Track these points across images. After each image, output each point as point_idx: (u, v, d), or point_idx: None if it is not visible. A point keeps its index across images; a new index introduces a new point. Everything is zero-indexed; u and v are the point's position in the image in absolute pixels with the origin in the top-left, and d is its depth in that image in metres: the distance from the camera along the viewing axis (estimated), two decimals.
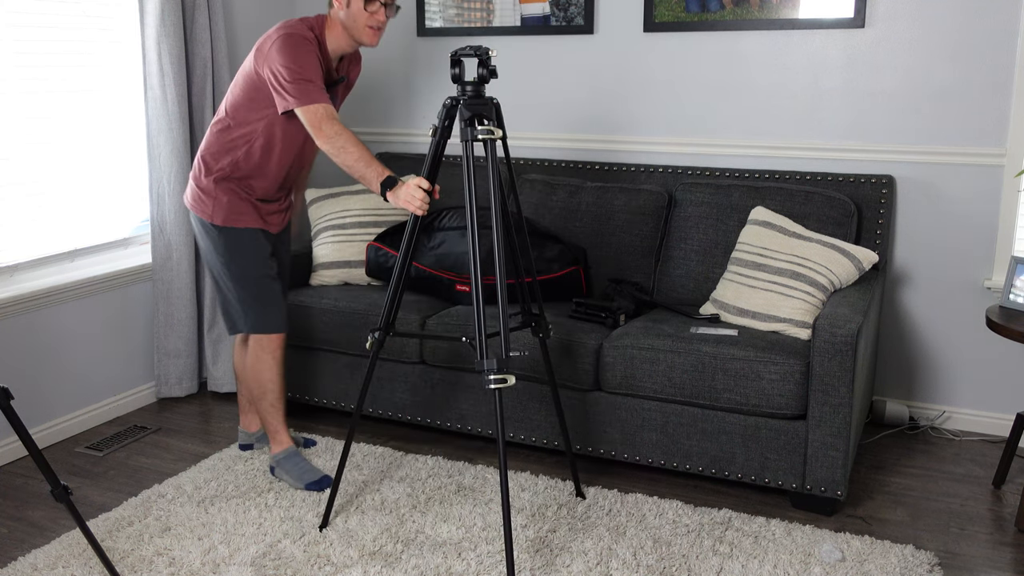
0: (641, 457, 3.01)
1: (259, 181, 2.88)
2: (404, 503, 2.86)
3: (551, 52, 3.85)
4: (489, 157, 2.38)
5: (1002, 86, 3.21)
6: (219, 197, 2.86)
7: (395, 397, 3.34)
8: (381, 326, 2.59)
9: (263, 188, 2.90)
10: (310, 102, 2.64)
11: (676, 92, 3.68)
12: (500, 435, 2.29)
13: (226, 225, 2.87)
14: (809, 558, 2.54)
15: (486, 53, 2.37)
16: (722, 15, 3.53)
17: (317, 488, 2.92)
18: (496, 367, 2.29)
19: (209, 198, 2.87)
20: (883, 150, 3.40)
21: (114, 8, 3.51)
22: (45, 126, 3.31)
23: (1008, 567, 2.55)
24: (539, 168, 3.84)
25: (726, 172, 3.55)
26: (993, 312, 2.83)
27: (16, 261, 3.26)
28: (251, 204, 2.89)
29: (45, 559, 2.54)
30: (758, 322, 3.01)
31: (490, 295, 2.98)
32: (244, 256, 2.89)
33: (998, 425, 3.40)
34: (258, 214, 2.91)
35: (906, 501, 2.92)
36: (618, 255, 3.50)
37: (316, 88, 2.66)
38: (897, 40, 3.32)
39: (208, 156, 2.87)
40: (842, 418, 2.70)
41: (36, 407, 3.30)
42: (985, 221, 3.31)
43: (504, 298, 2.34)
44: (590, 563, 2.51)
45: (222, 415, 3.66)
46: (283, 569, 2.49)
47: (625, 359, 2.94)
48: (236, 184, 2.87)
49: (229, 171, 2.85)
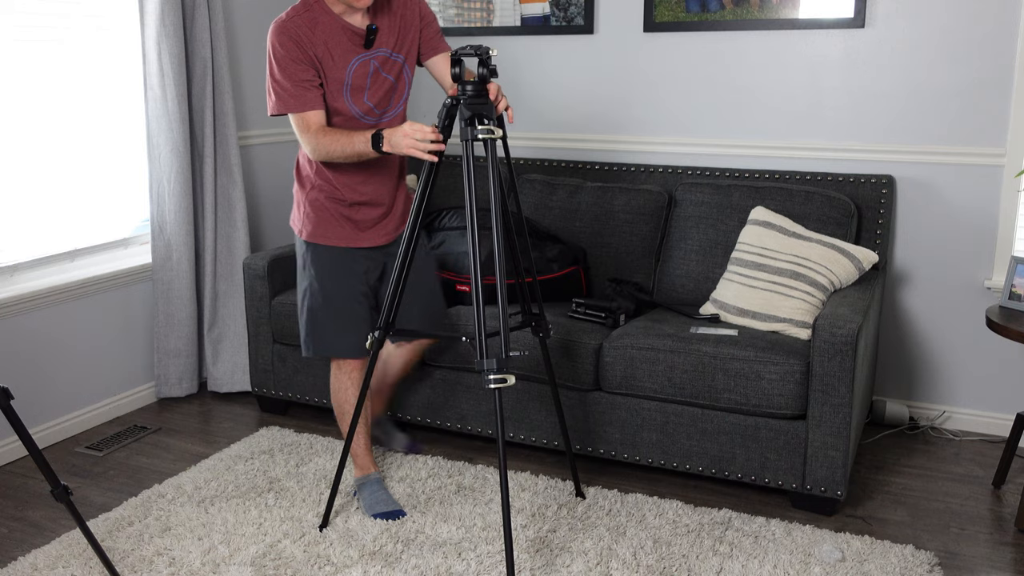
0: (641, 457, 3.01)
1: (341, 179, 2.69)
2: (404, 503, 2.86)
3: (551, 52, 3.85)
4: (489, 157, 2.38)
5: (1002, 86, 3.21)
6: (308, 211, 2.73)
7: (395, 397, 3.34)
8: (381, 325, 2.59)
9: (349, 187, 2.69)
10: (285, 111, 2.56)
11: (676, 92, 3.68)
12: (500, 435, 2.29)
13: (312, 241, 2.75)
14: (809, 558, 2.54)
15: (486, 52, 2.37)
16: (722, 15, 3.53)
17: (385, 519, 2.75)
18: (496, 367, 2.29)
19: (299, 210, 2.76)
20: (883, 150, 3.40)
21: (114, 8, 3.51)
22: (45, 126, 3.31)
23: (1008, 567, 2.55)
24: (539, 168, 3.84)
25: (726, 172, 3.55)
26: (993, 312, 2.83)
27: (16, 261, 3.26)
28: (342, 218, 2.73)
29: (45, 559, 2.54)
30: (758, 322, 3.01)
31: (490, 295, 2.98)
32: (325, 275, 2.75)
33: (998, 425, 3.40)
34: (353, 229, 2.75)
35: (906, 501, 2.92)
36: (618, 255, 3.50)
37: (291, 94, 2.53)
38: (897, 40, 3.32)
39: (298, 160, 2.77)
40: (842, 418, 2.70)
41: (36, 407, 3.30)
42: (985, 221, 3.31)
43: (504, 298, 2.33)
44: (590, 563, 2.51)
45: (222, 415, 3.66)
46: (283, 569, 2.49)
47: (625, 359, 2.94)
48: (325, 194, 2.70)
49: (314, 176, 2.70)
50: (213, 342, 3.83)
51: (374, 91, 2.66)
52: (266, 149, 4.20)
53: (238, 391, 3.84)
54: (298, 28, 2.55)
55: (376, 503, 2.80)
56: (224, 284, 3.81)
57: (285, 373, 3.55)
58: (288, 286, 3.58)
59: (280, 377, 3.57)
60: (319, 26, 2.56)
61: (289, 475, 3.06)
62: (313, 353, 2.85)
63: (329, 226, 2.74)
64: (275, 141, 4.24)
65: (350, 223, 2.75)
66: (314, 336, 2.82)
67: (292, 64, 2.53)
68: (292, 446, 3.28)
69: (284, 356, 3.53)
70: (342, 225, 2.74)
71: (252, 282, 3.53)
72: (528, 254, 2.69)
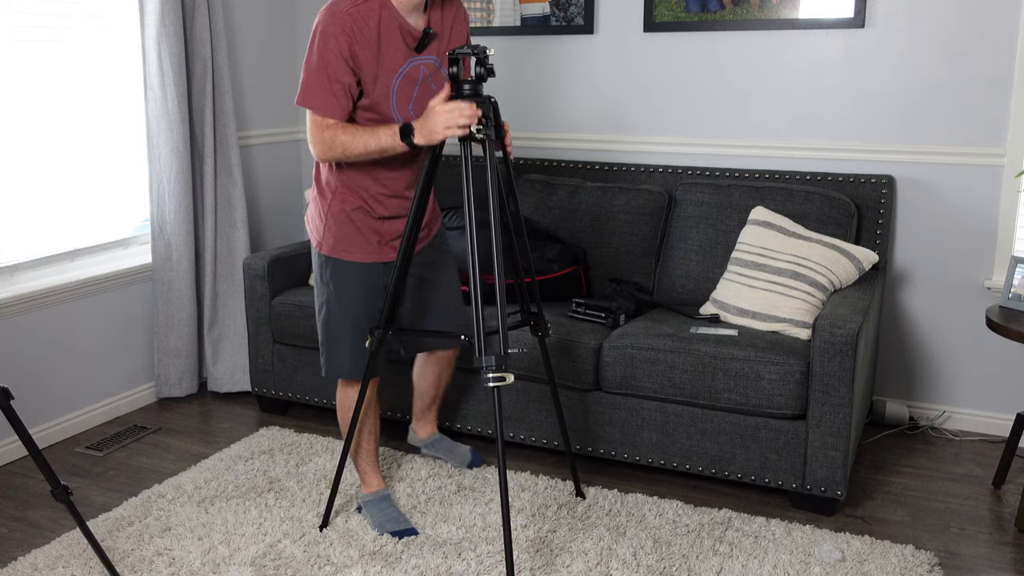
0: (641, 457, 3.01)
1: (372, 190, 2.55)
2: (404, 503, 2.86)
3: (551, 52, 3.85)
4: (488, 157, 2.38)
5: (1002, 86, 3.21)
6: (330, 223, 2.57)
7: (395, 396, 3.34)
8: (381, 325, 2.59)
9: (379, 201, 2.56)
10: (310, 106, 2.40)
11: (676, 92, 3.68)
12: (499, 435, 2.29)
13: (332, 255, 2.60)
14: (809, 558, 2.54)
15: (484, 52, 2.36)
16: (722, 15, 3.53)
17: (396, 536, 2.66)
18: (495, 365, 2.29)
19: (321, 221, 2.60)
20: (883, 150, 3.40)
21: (114, 8, 3.51)
22: (45, 126, 3.31)
23: (1008, 567, 2.55)
24: (539, 168, 3.84)
25: (726, 172, 3.55)
26: (993, 312, 2.83)
27: (16, 261, 3.26)
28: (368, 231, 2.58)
29: (45, 559, 2.54)
30: (758, 322, 3.01)
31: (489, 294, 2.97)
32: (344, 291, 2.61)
33: (998, 425, 3.40)
34: (378, 243, 2.60)
35: (906, 501, 2.92)
36: (618, 255, 3.50)
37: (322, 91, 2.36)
38: (897, 40, 3.32)
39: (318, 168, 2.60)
40: (842, 418, 2.70)
41: (36, 407, 3.30)
42: (985, 221, 3.31)
43: (502, 296, 2.33)
44: (590, 563, 2.51)
45: (222, 415, 3.66)
46: (283, 569, 2.49)
47: (625, 359, 2.94)
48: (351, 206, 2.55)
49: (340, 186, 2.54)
50: (213, 342, 3.83)
51: (420, 101, 2.50)
52: (266, 149, 4.20)
53: (238, 391, 3.84)
54: (354, 21, 2.34)
55: (387, 521, 2.71)
56: (224, 284, 3.81)
57: (285, 373, 3.55)
58: (288, 286, 3.58)
59: (280, 377, 3.57)
60: (376, 21, 2.37)
61: (289, 475, 3.06)
62: (325, 373, 2.73)
63: (352, 240, 2.58)
64: (275, 141, 4.25)
65: (376, 235, 2.60)
66: (328, 354, 2.69)
67: (335, 60, 2.34)
68: (292, 446, 3.28)
69: (284, 356, 3.54)
70: (367, 239, 2.59)
71: (252, 282, 3.53)
72: (527, 254, 2.69)
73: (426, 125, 2.31)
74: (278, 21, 4.19)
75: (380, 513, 2.74)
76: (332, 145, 2.41)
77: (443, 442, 3.17)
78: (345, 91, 2.39)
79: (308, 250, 3.71)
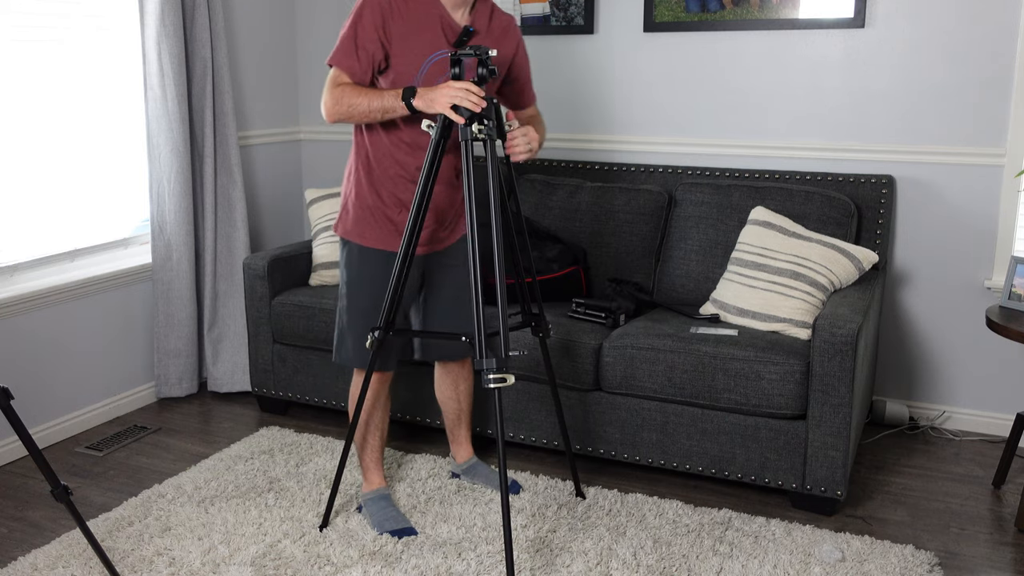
0: (641, 457, 3.01)
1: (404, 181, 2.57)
2: (404, 503, 2.86)
3: (551, 52, 3.85)
4: (489, 157, 2.38)
5: (1002, 86, 3.21)
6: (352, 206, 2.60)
7: (395, 396, 3.34)
8: (381, 325, 2.59)
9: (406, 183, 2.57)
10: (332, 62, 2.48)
11: (676, 92, 3.68)
12: (500, 435, 2.29)
13: (349, 239, 2.63)
14: (809, 558, 2.54)
15: (485, 53, 2.37)
16: (722, 15, 3.53)
17: (395, 536, 2.66)
18: (495, 366, 2.29)
19: (345, 202, 2.65)
20: (883, 150, 3.40)
21: (114, 8, 3.51)
22: (45, 126, 3.31)
23: (1008, 567, 2.55)
24: (539, 168, 3.84)
25: (726, 172, 3.55)
26: (993, 312, 2.83)
27: (16, 261, 3.26)
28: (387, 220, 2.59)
29: (45, 559, 2.54)
30: (758, 322, 3.01)
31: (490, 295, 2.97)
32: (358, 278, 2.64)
33: (998, 425, 3.40)
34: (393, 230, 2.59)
35: (906, 501, 2.92)
36: (618, 255, 3.50)
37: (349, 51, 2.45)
38: (897, 40, 3.32)
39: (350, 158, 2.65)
40: (842, 418, 2.70)
41: (36, 407, 3.30)
42: (985, 221, 3.31)
43: (503, 298, 2.33)
44: (590, 563, 2.51)
45: (222, 415, 3.66)
46: (283, 569, 2.49)
47: (625, 359, 2.94)
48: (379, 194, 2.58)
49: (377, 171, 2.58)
50: (213, 342, 3.83)
51: None
52: (266, 149, 4.20)
53: (238, 391, 3.84)
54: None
55: (386, 520, 2.70)
56: (224, 284, 3.81)
57: (285, 373, 3.55)
58: (288, 286, 3.58)
59: (280, 377, 3.57)
60: (419, 4, 2.48)
61: (289, 475, 3.06)
62: (335, 359, 2.76)
63: (369, 225, 2.60)
64: (275, 141, 4.25)
65: (391, 224, 2.60)
66: (338, 341, 2.72)
67: (368, 28, 2.45)
68: (292, 446, 3.28)
69: (284, 356, 3.54)
70: (385, 227, 2.60)
71: (252, 282, 3.53)
72: (528, 254, 2.69)
73: (430, 93, 2.36)
74: (278, 21, 4.19)
75: (379, 512, 2.74)
76: (339, 100, 2.47)
77: (480, 468, 3.02)
78: (369, 58, 2.47)
79: (308, 251, 3.72)
